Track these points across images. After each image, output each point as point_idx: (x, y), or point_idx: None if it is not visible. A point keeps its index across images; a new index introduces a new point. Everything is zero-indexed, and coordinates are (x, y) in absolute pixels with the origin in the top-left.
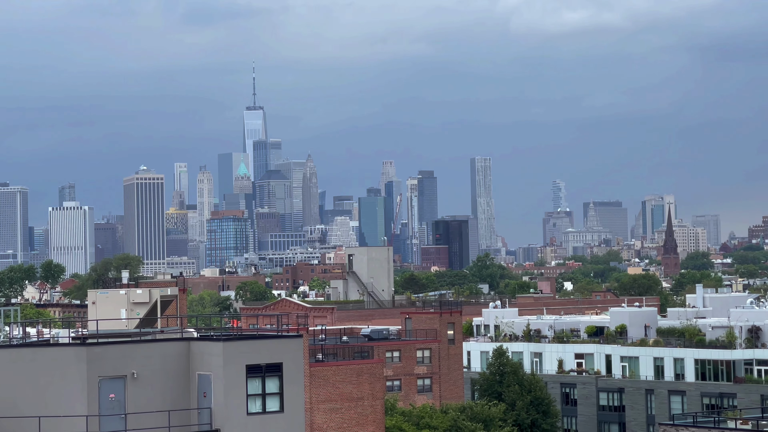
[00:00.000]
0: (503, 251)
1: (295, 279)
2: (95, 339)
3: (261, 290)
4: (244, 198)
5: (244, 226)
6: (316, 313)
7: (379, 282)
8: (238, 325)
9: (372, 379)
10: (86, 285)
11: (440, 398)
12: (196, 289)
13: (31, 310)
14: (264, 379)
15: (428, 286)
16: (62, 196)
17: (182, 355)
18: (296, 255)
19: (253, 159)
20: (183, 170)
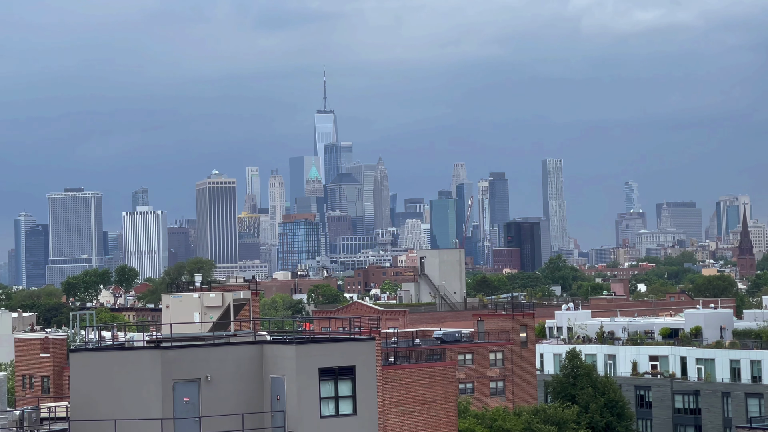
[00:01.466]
0: (575, 253)
1: (367, 282)
2: (169, 342)
3: (333, 293)
4: (316, 201)
5: (315, 230)
6: (388, 316)
7: (450, 284)
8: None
9: (444, 382)
10: (160, 289)
11: (513, 401)
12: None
13: (106, 314)
14: (337, 382)
15: (500, 289)
16: (136, 201)
17: (255, 359)
18: (368, 258)
19: (324, 162)
20: (255, 174)
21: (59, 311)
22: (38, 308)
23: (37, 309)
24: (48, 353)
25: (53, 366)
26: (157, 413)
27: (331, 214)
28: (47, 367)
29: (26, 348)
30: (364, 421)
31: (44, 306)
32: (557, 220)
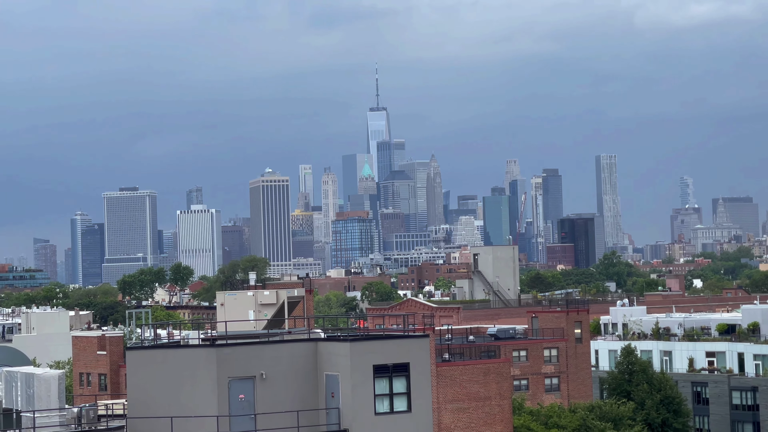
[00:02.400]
0: (630, 249)
1: (421, 279)
2: (224, 340)
3: (387, 290)
4: (369, 199)
5: (369, 227)
6: (441, 313)
7: (504, 281)
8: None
9: (499, 379)
10: (214, 287)
11: (568, 397)
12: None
13: (161, 312)
14: (391, 379)
15: (554, 285)
16: (190, 200)
17: (310, 356)
18: (421, 255)
19: (377, 160)
20: (308, 172)
21: (115, 309)
22: (95, 307)
23: (93, 307)
24: (105, 351)
25: (110, 364)
26: (213, 410)
27: (385, 211)
28: (104, 365)
29: (83, 346)
30: (419, 417)
31: (100, 304)
32: (611, 216)
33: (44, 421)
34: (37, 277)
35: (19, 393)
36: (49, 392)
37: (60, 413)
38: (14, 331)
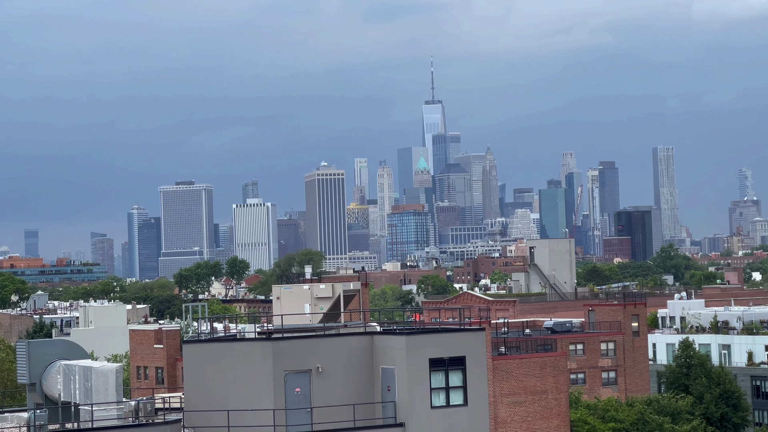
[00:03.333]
0: (688, 242)
1: (477, 272)
2: (280, 334)
3: (442, 284)
4: (424, 192)
5: (424, 220)
6: (498, 306)
7: (561, 274)
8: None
9: (556, 372)
10: (270, 280)
11: (626, 391)
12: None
13: (218, 305)
14: (447, 373)
15: (611, 278)
16: (246, 193)
17: (366, 349)
18: (477, 248)
19: (433, 153)
20: (363, 165)
21: (172, 303)
22: (151, 300)
23: (150, 301)
24: (162, 345)
25: (167, 357)
26: (269, 404)
27: (440, 204)
28: (161, 359)
29: (140, 339)
30: (475, 411)
31: (157, 298)
32: (669, 209)
33: (102, 414)
34: (94, 271)
35: (77, 386)
36: (107, 385)
37: (117, 406)
38: (72, 324)
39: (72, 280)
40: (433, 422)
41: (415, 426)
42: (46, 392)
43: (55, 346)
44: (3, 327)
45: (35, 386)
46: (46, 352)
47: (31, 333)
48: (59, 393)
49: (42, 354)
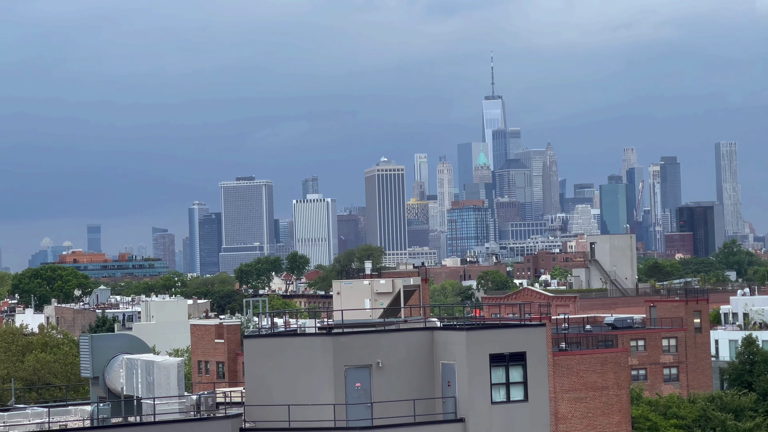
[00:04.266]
0: (751, 237)
1: (537, 268)
2: (341, 329)
3: (502, 279)
4: (484, 187)
5: (484, 216)
6: (558, 302)
7: (621, 270)
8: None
9: (617, 368)
10: (330, 276)
11: (687, 388)
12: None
13: (278, 300)
14: (507, 368)
15: (673, 274)
16: (306, 189)
17: (426, 345)
18: (537, 244)
19: (493, 148)
20: (423, 161)
21: (232, 298)
22: (212, 295)
23: (211, 296)
24: (222, 339)
25: (228, 352)
26: (330, 398)
27: (500, 200)
28: (222, 353)
29: (201, 334)
30: (536, 407)
31: (218, 293)
32: (731, 204)
33: (164, 408)
34: (156, 266)
35: (139, 380)
36: (169, 379)
37: (179, 400)
38: (134, 319)
39: (134, 275)
40: (493, 418)
41: (476, 421)
42: (109, 386)
43: (117, 341)
44: (66, 321)
45: (98, 380)
46: (108, 346)
47: (93, 327)
48: (122, 387)
49: (105, 348)
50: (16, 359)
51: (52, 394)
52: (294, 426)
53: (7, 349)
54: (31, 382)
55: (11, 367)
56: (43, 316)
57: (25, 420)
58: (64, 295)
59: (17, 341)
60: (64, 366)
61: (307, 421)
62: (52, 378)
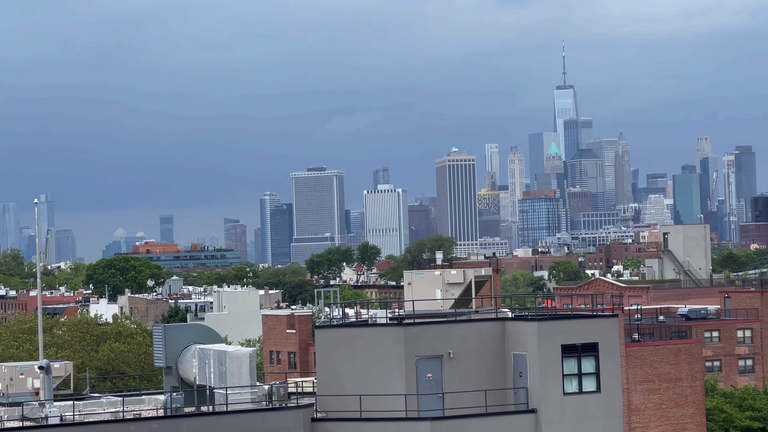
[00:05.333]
0: None
1: (609, 258)
2: (412, 319)
3: (574, 270)
4: (556, 177)
5: (556, 206)
6: (631, 293)
7: (695, 260)
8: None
9: (691, 360)
10: (401, 266)
11: (763, 379)
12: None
13: (349, 291)
14: (580, 359)
15: (748, 264)
16: (377, 179)
17: (497, 335)
18: (609, 234)
19: (564, 138)
20: (494, 151)
21: (304, 288)
22: (284, 286)
23: (282, 286)
24: (294, 330)
25: (299, 342)
26: (401, 389)
27: (572, 190)
28: (293, 343)
29: (273, 324)
30: (609, 398)
31: (289, 283)
32: None
33: (236, 398)
34: (227, 256)
35: (211, 370)
36: (241, 369)
37: (251, 390)
38: (206, 309)
39: (206, 266)
40: (565, 409)
41: (548, 412)
42: (182, 375)
43: (190, 331)
44: (140, 311)
45: (171, 369)
46: (181, 336)
47: (166, 317)
48: (194, 376)
49: (178, 338)
50: (91, 349)
51: (126, 384)
52: (365, 416)
53: (82, 339)
54: (106, 371)
55: (86, 356)
56: (117, 306)
57: (99, 409)
58: (138, 285)
59: (92, 331)
60: (137, 356)
61: (378, 411)
62: (125, 367)
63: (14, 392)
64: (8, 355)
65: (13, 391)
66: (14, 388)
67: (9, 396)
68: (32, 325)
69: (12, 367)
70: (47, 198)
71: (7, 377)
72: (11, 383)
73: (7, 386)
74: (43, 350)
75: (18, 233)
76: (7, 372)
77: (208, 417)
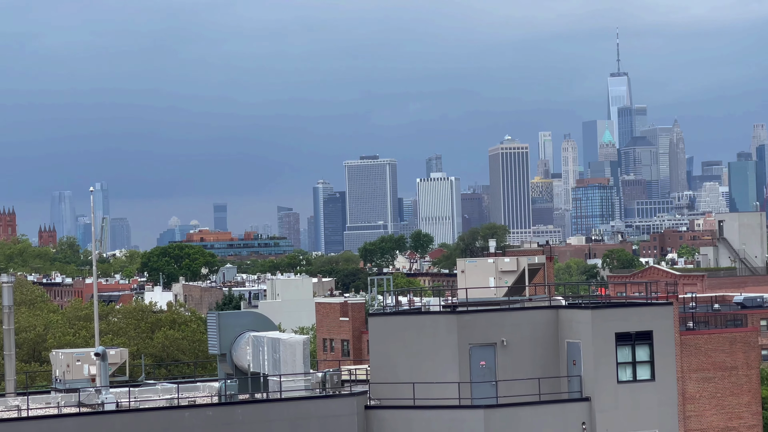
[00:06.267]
0: None
1: (663, 246)
2: (465, 307)
3: (628, 258)
4: (609, 165)
5: (609, 194)
6: (685, 281)
7: (751, 248)
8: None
9: (746, 348)
10: (454, 254)
11: None
12: (563, 257)
13: (402, 279)
14: (634, 347)
15: None
16: (429, 167)
17: (550, 323)
18: (663, 222)
19: (618, 126)
20: (547, 139)
21: (357, 276)
22: (337, 273)
23: (335, 274)
24: (347, 317)
25: (352, 330)
26: (454, 377)
27: (626, 177)
28: (347, 331)
29: (326, 312)
30: (663, 386)
31: (342, 271)
32: None
33: (290, 385)
34: (281, 244)
35: (265, 357)
36: (295, 357)
37: (305, 378)
38: (260, 297)
39: (259, 254)
40: (619, 397)
41: (602, 400)
42: (236, 363)
43: (244, 318)
44: (194, 299)
45: (225, 357)
46: (235, 323)
47: (220, 305)
48: (248, 363)
49: (232, 325)
50: (146, 336)
51: (181, 371)
52: (419, 404)
53: (137, 326)
54: (160, 358)
55: (141, 343)
56: (171, 293)
57: (155, 395)
58: (192, 273)
59: (146, 318)
60: (191, 343)
61: (431, 399)
62: (180, 355)
63: (71, 378)
64: (65, 341)
65: (70, 378)
66: (71, 374)
67: (66, 382)
68: (88, 313)
69: (69, 354)
70: (102, 186)
71: (64, 364)
72: (68, 370)
73: (64, 372)
74: (99, 337)
75: (74, 221)
76: (64, 359)
77: (262, 404)
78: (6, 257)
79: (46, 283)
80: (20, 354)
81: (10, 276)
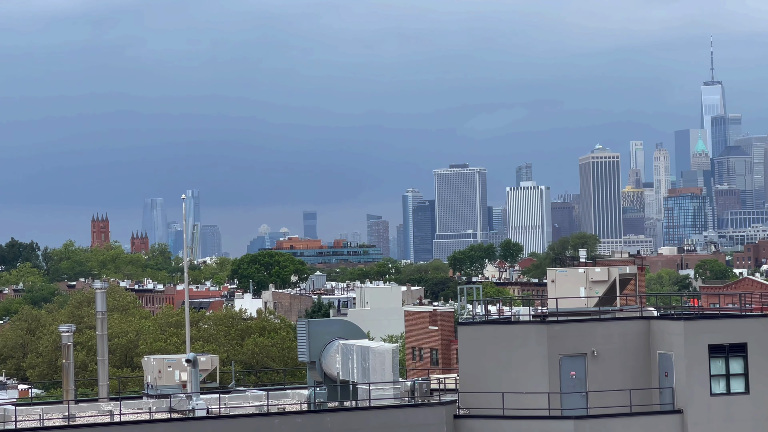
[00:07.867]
0: None
1: (758, 257)
2: (555, 317)
3: (721, 269)
4: (702, 175)
5: (702, 204)
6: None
7: None
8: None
9: None
10: (544, 264)
11: None
12: (654, 268)
13: (491, 288)
14: (727, 360)
15: None
16: (519, 176)
17: (642, 334)
18: (758, 232)
19: (711, 135)
20: (639, 148)
21: (446, 285)
22: (426, 282)
23: (424, 283)
24: (436, 326)
25: (441, 339)
26: (544, 387)
27: (719, 187)
28: (436, 340)
29: (415, 321)
30: (758, 400)
31: (431, 280)
32: None
33: (379, 394)
34: (370, 252)
35: (354, 365)
36: (384, 365)
37: (394, 386)
38: (349, 305)
39: (348, 262)
40: (712, 410)
41: (694, 413)
42: (325, 370)
43: (333, 326)
44: (283, 306)
45: (315, 364)
46: (325, 331)
47: (309, 312)
48: (338, 371)
49: (321, 333)
50: (236, 343)
51: (270, 378)
52: (508, 414)
53: (227, 333)
54: (250, 365)
55: (231, 350)
56: (261, 301)
57: (245, 402)
58: (281, 280)
59: (236, 325)
60: (281, 350)
61: (521, 409)
62: (269, 362)
63: (162, 384)
64: (156, 348)
65: (161, 384)
66: (162, 380)
67: (157, 388)
68: (179, 319)
69: (160, 360)
70: (194, 194)
71: (156, 370)
72: (159, 375)
73: (156, 378)
74: (189, 343)
75: (165, 228)
76: (155, 365)
77: (351, 412)
78: (99, 263)
79: (137, 290)
80: (113, 360)
81: (104, 282)
